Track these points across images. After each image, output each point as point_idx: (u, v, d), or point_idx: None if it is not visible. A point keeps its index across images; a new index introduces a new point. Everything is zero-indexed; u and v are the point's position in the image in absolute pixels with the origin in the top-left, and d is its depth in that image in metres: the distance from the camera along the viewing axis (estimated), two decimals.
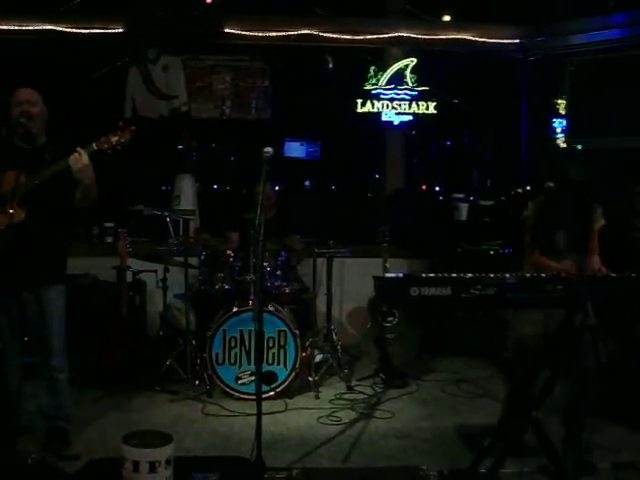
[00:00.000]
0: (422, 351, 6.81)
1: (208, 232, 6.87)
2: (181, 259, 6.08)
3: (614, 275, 3.87)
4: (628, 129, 7.46)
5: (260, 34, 7.97)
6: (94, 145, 4.24)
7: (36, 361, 4.53)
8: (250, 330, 5.63)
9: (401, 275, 3.58)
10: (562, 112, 8.66)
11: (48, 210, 4.28)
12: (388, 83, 7.99)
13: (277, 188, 6.69)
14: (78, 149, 4.19)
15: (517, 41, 8.19)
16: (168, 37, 8.06)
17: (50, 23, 7.70)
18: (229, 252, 6.15)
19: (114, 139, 4.26)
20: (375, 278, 3.60)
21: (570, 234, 4.39)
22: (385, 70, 8.01)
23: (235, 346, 5.69)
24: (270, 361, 5.69)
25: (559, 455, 3.74)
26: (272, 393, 5.62)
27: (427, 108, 8.05)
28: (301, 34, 8.00)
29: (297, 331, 5.75)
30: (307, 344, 6.15)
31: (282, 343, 5.71)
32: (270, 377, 5.63)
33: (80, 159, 4.16)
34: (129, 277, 6.29)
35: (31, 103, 4.35)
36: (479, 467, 3.89)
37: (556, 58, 8.15)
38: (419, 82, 8.01)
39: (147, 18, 7.92)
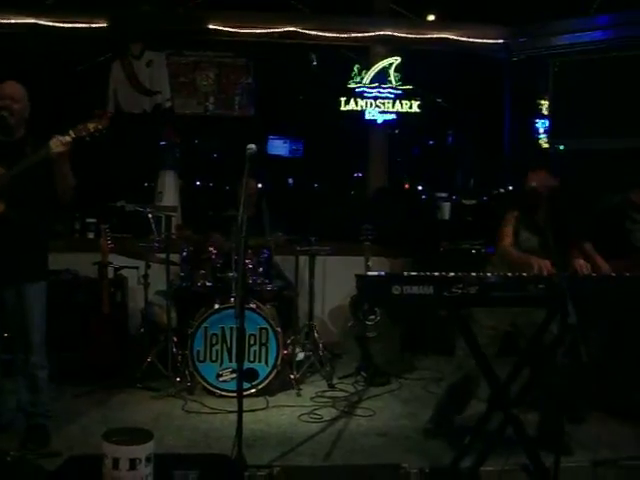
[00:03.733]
0: (404, 349, 6.81)
1: (190, 229, 6.85)
2: (163, 256, 6.05)
3: (595, 275, 3.91)
4: (610, 130, 7.51)
5: (244, 31, 7.96)
6: (71, 132, 4.21)
7: (16, 358, 4.49)
8: (231, 327, 5.62)
9: (383, 273, 3.59)
10: (545, 112, 8.71)
11: (27, 202, 4.24)
12: (372, 81, 8.00)
13: (260, 185, 6.65)
14: (56, 136, 4.17)
15: (501, 41, 8.23)
16: (152, 32, 8.03)
17: (33, 17, 7.65)
18: (211, 249, 6.13)
19: (91, 126, 4.25)
20: (357, 276, 3.60)
21: None
22: (369, 68, 8.02)
23: (216, 343, 5.68)
24: (251, 358, 5.68)
25: (539, 453, 3.76)
26: (253, 390, 5.60)
27: (411, 107, 8.07)
28: (285, 31, 7.99)
29: (279, 329, 5.74)
30: (289, 342, 6.15)
31: (263, 340, 5.70)
32: (251, 374, 5.61)
33: (63, 141, 4.15)
34: (110, 273, 6.26)
35: (14, 99, 4.30)
36: (460, 465, 3.90)
37: (539, 59, 8.19)
38: (403, 81, 8.03)
39: (131, 13, 7.89)
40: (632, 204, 5.46)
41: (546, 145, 8.70)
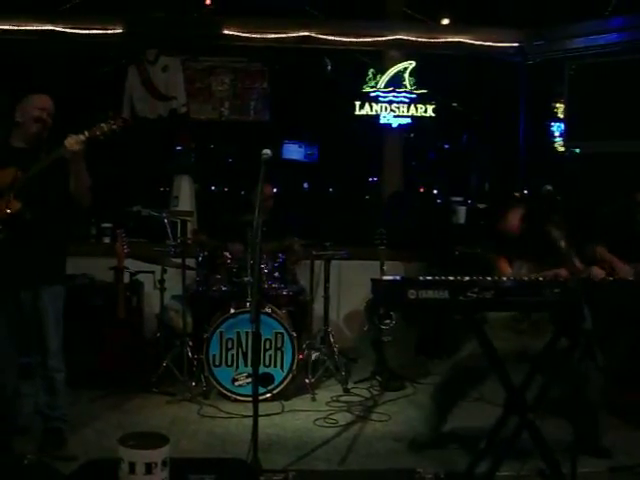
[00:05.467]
0: (419, 354, 6.81)
1: (205, 233, 6.87)
2: (179, 260, 6.07)
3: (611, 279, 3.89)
4: (626, 133, 7.46)
5: (259, 36, 7.98)
6: (86, 132, 4.26)
7: (33, 361, 4.52)
8: (247, 332, 5.63)
9: (399, 278, 3.58)
10: (560, 116, 8.67)
11: (43, 202, 4.28)
12: (387, 86, 7.99)
13: (275, 190, 6.66)
14: (71, 135, 4.22)
15: (516, 44, 8.20)
16: (167, 38, 8.06)
17: (49, 23, 7.70)
18: (226, 254, 6.14)
19: (106, 127, 4.31)
20: (373, 281, 3.60)
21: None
22: (384, 73, 8.01)
23: (232, 348, 5.69)
24: (267, 363, 5.68)
25: (555, 458, 3.74)
26: (269, 395, 5.61)
27: (425, 111, 8.05)
28: (300, 36, 8.00)
29: (294, 333, 5.74)
30: (304, 346, 6.15)
31: (279, 345, 5.71)
32: (267, 379, 5.62)
33: (77, 140, 4.19)
34: (126, 278, 6.29)
35: (50, 114, 4.39)
36: (475, 470, 3.89)
37: (555, 62, 8.15)
38: (418, 85, 8.01)
39: (146, 19, 7.93)
40: (638, 204, 5.50)
41: (561, 148, 8.66)
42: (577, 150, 8.31)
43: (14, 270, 4.26)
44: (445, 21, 9.11)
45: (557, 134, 8.99)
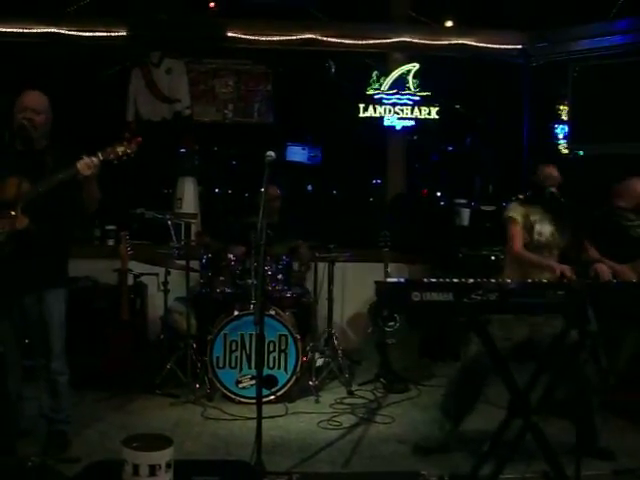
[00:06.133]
0: (423, 356, 6.80)
1: (209, 235, 6.87)
2: (182, 262, 6.07)
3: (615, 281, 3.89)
4: (630, 135, 7.45)
5: (263, 38, 7.97)
6: (100, 155, 4.21)
7: (36, 364, 4.52)
8: (251, 334, 5.63)
9: (403, 280, 3.58)
10: (564, 118, 8.66)
11: (51, 217, 4.26)
12: (390, 88, 7.99)
13: (279, 192, 6.66)
14: (84, 157, 4.17)
15: (520, 47, 8.19)
16: (171, 40, 8.06)
17: (54, 26, 7.70)
18: (230, 256, 6.15)
19: (120, 149, 4.24)
20: (377, 283, 3.60)
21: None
22: (387, 75, 8.01)
23: (236, 350, 5.69)
24: (271, 365, 5.69)
25: (559, 460, 3.73)
26: (272, 397, 5.62)
27: (429, 113, 8.04)
28: (304, 39, 7.99)
29: (298, 335, 5.74)
30: (308, 348, 6.15)
31: (283, 347, 5.71)
32: (271, 381, 5.63)
33: (92, 165, 4.15)
34: (130, 280, 6.29)
35: (36, 111, 4.29)
36: (479, 473, 3.88)
37: (558, 64, 8.14)
38: (421, 87, 8.01)
39: (150, 21, 7.93)
40: (620, 208, 5.52)
41: (565, 151, 8.65)
42: (581, 152, 8.29)
43: (19, 276, 4.24)
44: (449, 23, 9.11)
45: (561, 136, 8.99)
